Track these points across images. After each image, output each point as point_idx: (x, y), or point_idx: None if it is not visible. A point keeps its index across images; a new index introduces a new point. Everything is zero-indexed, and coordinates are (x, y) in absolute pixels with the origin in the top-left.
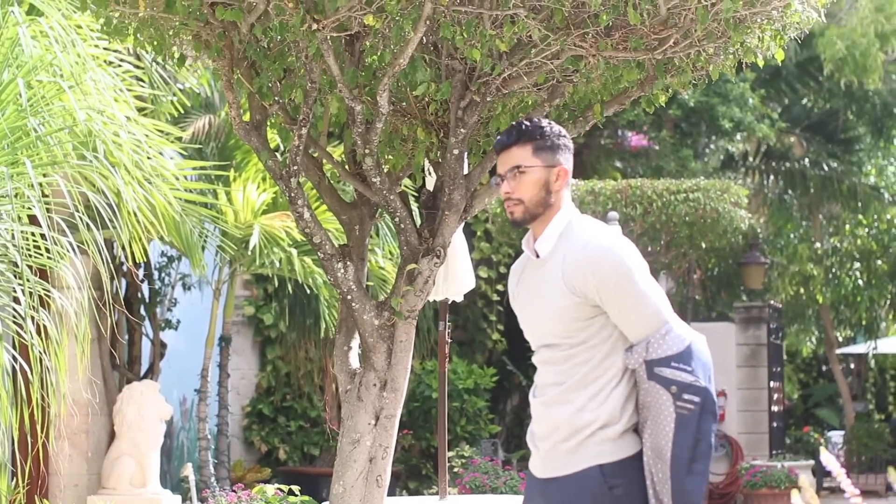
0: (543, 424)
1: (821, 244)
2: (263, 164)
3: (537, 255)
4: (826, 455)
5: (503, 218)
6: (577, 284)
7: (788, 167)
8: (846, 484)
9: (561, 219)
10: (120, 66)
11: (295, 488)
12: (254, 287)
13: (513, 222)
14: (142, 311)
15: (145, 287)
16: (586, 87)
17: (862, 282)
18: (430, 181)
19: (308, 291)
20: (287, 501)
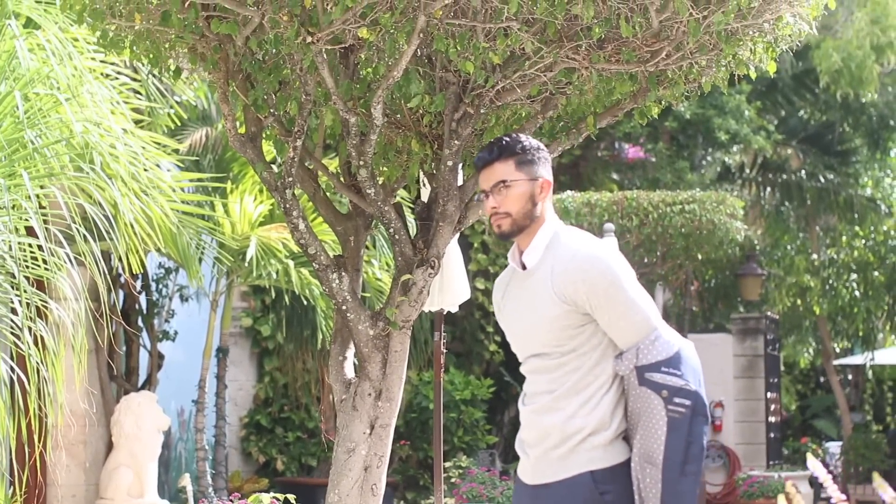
0: (534, 431)
1: (818, 255)
2: (259, 176)
3: (524, 267)
4: (812, 461)
5: None
6: (568, 293)
7: (785, 179)
8: (832, 489)
9: (547, 230)
10: (117, 79)
11: (291, 497)
12: (251, 298)
13: (500, 235)
14: (139, 323)
15: (143, 298)
16: (579, 99)
17: (859, 293)
18: (426, 192)
19: (305, 303)
20: None
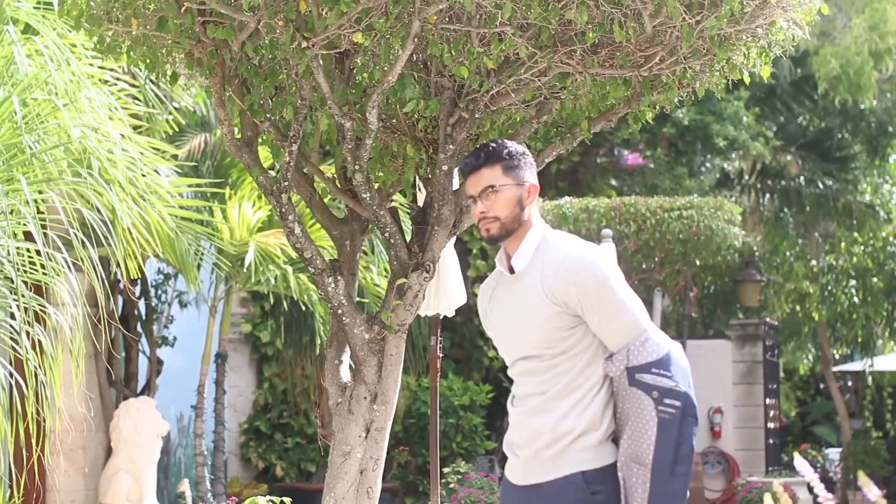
0: (524, 432)
1: (816, 262)
2: (255, 180)
3: (512, 271)
4: (799, 460)
5: None
6: (559, 294)
7: (784, 185)
8: (819, 489)
9: (535, 234)
10: (115, 85)
11: (286, 500)
12: (250, 305)
13: (489, 239)
14: (138, 329)
15: (142, 304)
16: (574, 104)
17: (858, 299)
18: (421, 197)
19: (303, 308)
20: None
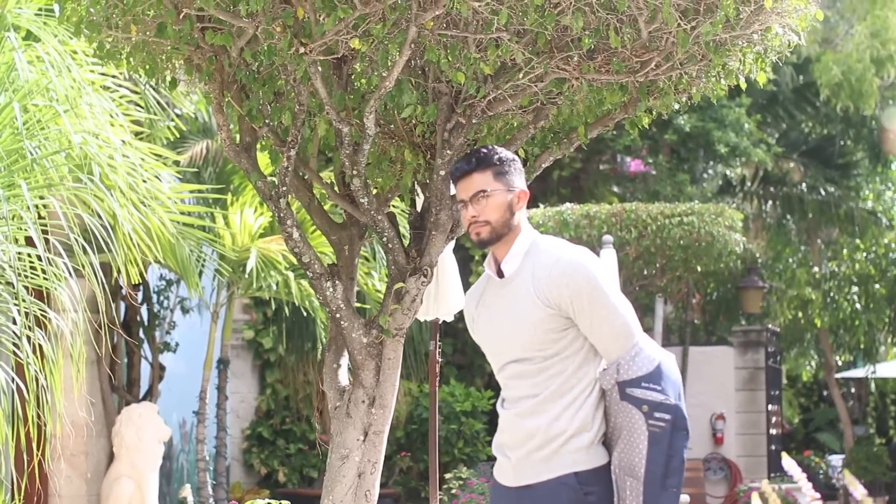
0: (516, 434)
1: (819, 268)
2: (253, 185)
3: (501, 275)
4: (788, 461)
5: None
6: (552, 297)
7: (786, 192)
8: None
9: (524, 239)
10: (116, 91)
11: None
12: (253, 311)
13: (479, 243)
14: (141, 334)
15: (144, 310)
16: (570, 110)
17: (860, 306)
18: (419, 202)
19: (305, 315)
20: None
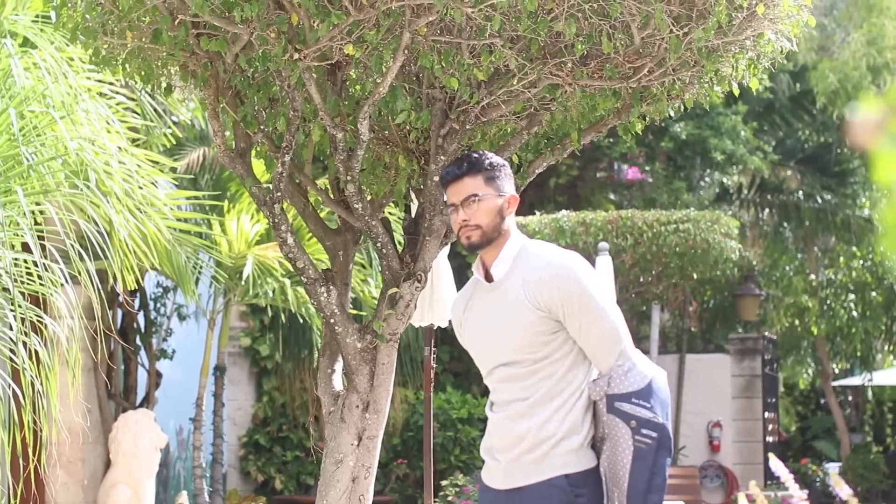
0: (506, 437)
1: (815, 276)
2: (248, 191)
3: (490, 280)
4: (774, 461)
5: None
6: (543, 299)
7: (783, 200)
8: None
9: (514, 243)
10: (112, 98)
11: None
12: (250, 318)
13: (469, 247)
14: (137, 341)
15: (141, 317)
16: (564, 116)
17: (857, 313)
18: (413, 207)
19: (302, 322)
20: None
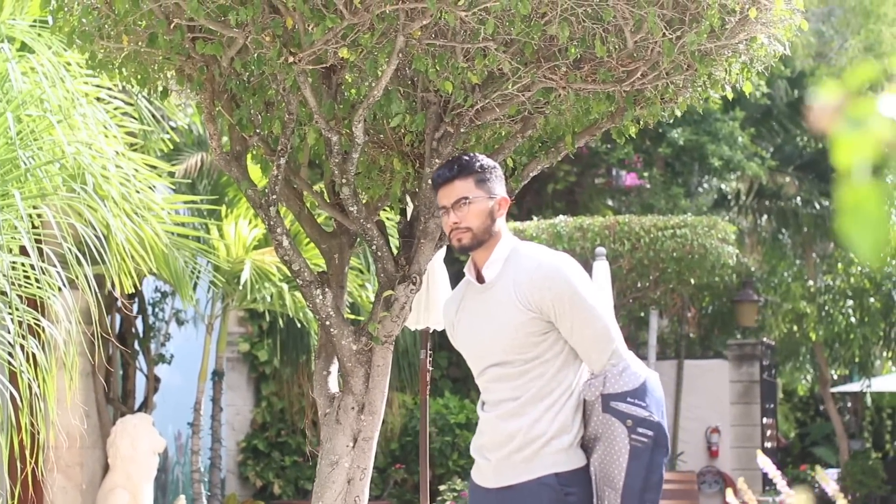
0: (497, 436)
1: (814, 282)
2: (243, 193)
3: (482, 281)
4: (762, 458)
5: None
6: (534, 300)
7: (781, 206)
8: (782, 486)
9: (505, 245)
10: (110, 103)
11: None
12: (248, 324)
13: (461, 249)
14: (136, 346)
15: (139, 322)
16: (558, 119)
17: (855, 319)
18: (410, 210)
19: (300, 327)
20: None
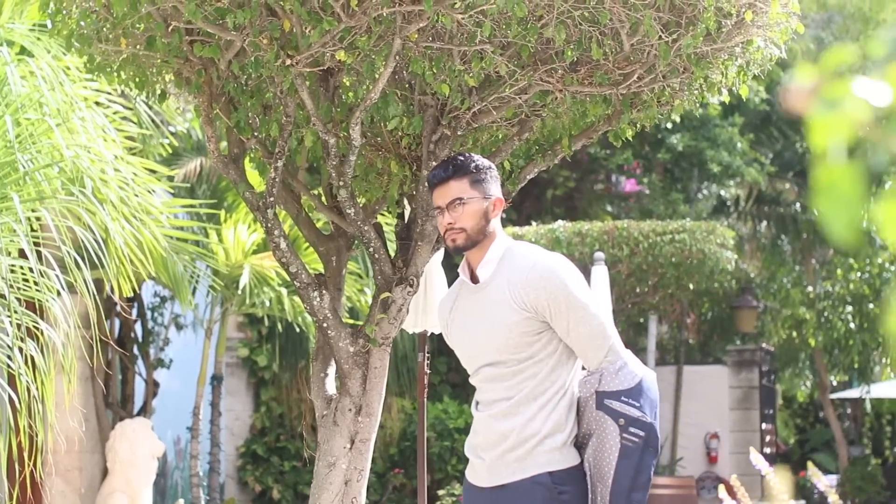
0: (491, 435)
1: (813, 288)
2: (241, 196)
3: (476, 281)
4: (754, 454)
5: None
6: (529, 300)
7: (781, 212)
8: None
9: (499, 245)
10: (108, 108)
11: None
12: (247, 329)
13: (454, 249)
14: (135, 351)
15: (138, 327)
16: (554, 122)
17: (854, 325)
18: (407, 213)
19: (299, 332)
20: None
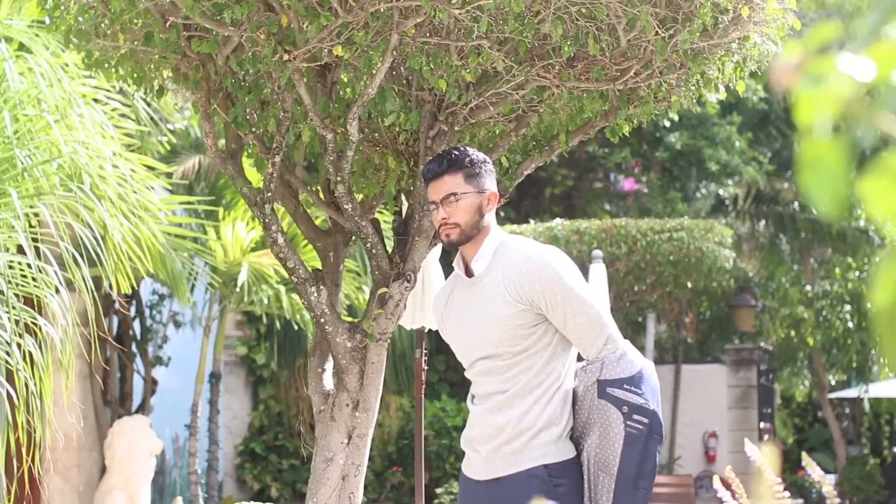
0: (487, 429)
1: (811, 287)
2: (238, 191)
3: (470, 275)
4: (749, 446)
5: None
6: (524, 292)
7: (779, 211)
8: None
9: (493, 239)
10: (107, 104)
11: None
12: (246, 327)
13: (449, 244)
14: (133, 349)
15: (137, 324)
16: (551, 118)
17: (852, 324)
18: (404, 208)
19: (297, 330)
20: None
